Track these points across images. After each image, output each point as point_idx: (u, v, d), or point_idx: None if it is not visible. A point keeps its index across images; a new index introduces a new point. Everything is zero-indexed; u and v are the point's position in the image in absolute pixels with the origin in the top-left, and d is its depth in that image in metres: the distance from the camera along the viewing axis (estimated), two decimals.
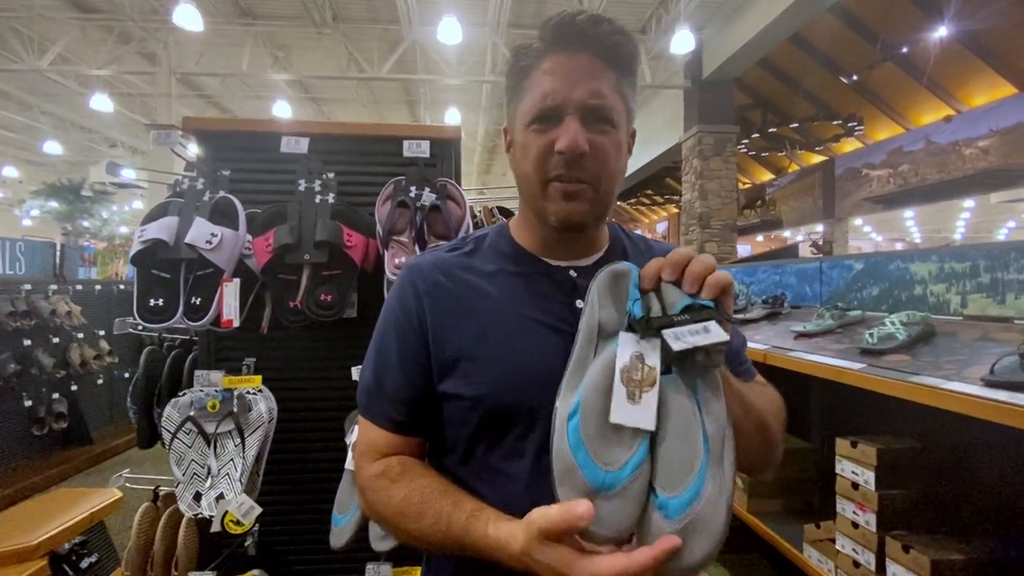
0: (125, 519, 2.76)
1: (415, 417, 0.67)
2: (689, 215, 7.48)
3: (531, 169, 0.64)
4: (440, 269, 0.69)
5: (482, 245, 0.73)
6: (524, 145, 0.64)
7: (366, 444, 0.69)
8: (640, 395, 0.49)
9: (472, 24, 6.59)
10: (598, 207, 0.65)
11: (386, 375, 0.68)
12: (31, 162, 14.17)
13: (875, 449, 1.20)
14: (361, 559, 1.28)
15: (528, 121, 0.63)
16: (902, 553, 1.11)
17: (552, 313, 0.65)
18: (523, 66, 0.65)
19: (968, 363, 1.11)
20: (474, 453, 0.64)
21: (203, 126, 1.34)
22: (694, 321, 0.50)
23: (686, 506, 0.46)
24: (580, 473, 0.48)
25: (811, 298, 2.08)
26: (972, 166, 7.25)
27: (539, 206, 0.65)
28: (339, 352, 1.36)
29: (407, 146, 1.30)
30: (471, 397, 0.63)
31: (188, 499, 1.12)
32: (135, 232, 1.18)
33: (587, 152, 0.61)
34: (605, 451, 0.48)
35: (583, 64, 0.62)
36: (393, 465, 0.65)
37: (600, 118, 0.62)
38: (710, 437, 0.48)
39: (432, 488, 0.61)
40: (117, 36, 7.35)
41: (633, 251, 0.74)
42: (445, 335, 0.65)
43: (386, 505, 0.63)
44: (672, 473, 0.48)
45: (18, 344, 3.46)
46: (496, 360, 0.63)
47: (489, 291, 0.67)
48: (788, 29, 6.07)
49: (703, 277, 0.52)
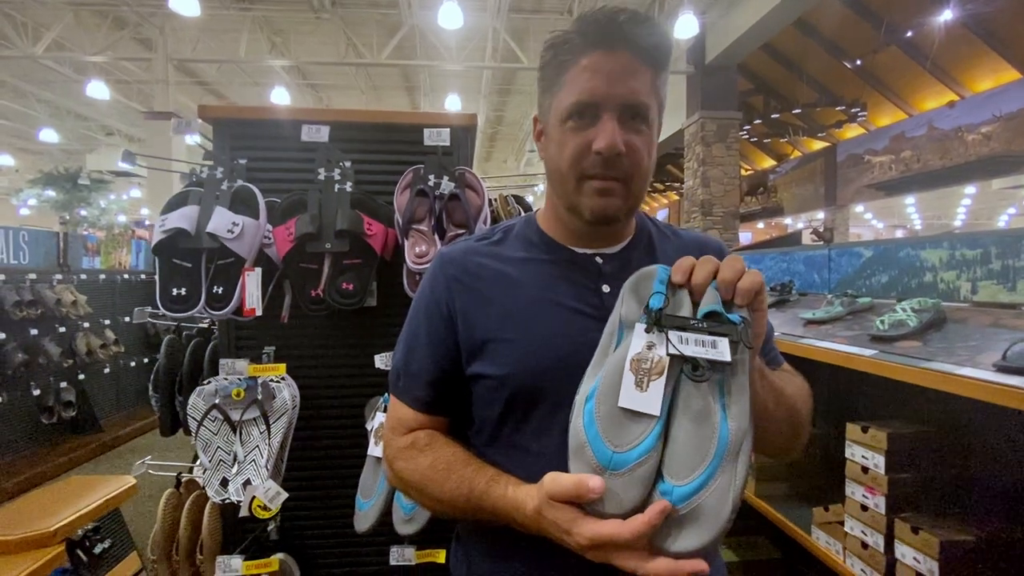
0: (138, 506, 2.80)
1: (441, 397, 0.71)
2: (691, 202, 7.46)
3: (566, 166, 0.65)
4: (470, 257, 0.72)
5: (510, 234, 0.75)
6: (560, 141, 0.66)
7: (395, 420, 0.73)
8: (648, 383, 0.52)
9: (472, 9, 6.50)
10: (631, 202, 0.67)
11: (415, 357, 0.71)
12: (27, 150, 14.03)
13: (886, 434, 1.22)
14: (385, 543, 1.31)
15: (565, 116, 0.65)
16: (911, 535, 1.14)
17: (578, 297, 0.67)
18: (562, 60, 0.65)
19: (980, 349, 1.13)
20: (501, 432, 0.67)
21: (220, 114, 1.34)
22: (710, 332, 0.51)
23: (690, 495, 0.48)
24: (590, 450, 0.51)
25: (819, 285, 2.09)
26: (975, 152, 7.23)
27: (573, 200, 0.67)
28: (360, 340, 1.38)
29: (428, 134, 1.30)
30: (498, 377, 0.65)
31: (215, 485, 1.14)
32: (156, 222, 1.19)
33: (623, 152, 0.62)
34: (615, 433, 0.51)
35: (623, 63, 0.63)
36: (421, 437, 0.69)
37: (636, 116, 0.64)
38: (729, 436, 0.50)
39: (457, 456, 0.65)
40: (112, 22, 7.24)
41: (659, 238, 0.76)
42: (474, 319, 0.68)
43: (413, 471, 0.67)
44: (682, 463, 0.49)
45: (25, 334, 3.47)
46: (523, 341, 0.65)
47: (517, 277, 0.69)
48: (792, 14, 6.00)
49: (734, 283, 0.54)
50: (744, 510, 1.97)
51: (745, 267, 0.55)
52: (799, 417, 0.67)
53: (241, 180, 1.25)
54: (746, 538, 1.95)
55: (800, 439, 0.69)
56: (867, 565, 1.24)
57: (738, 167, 7.54)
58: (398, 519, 1.16)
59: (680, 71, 7.56)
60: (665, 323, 0.53)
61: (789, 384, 0.68)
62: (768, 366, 0.68)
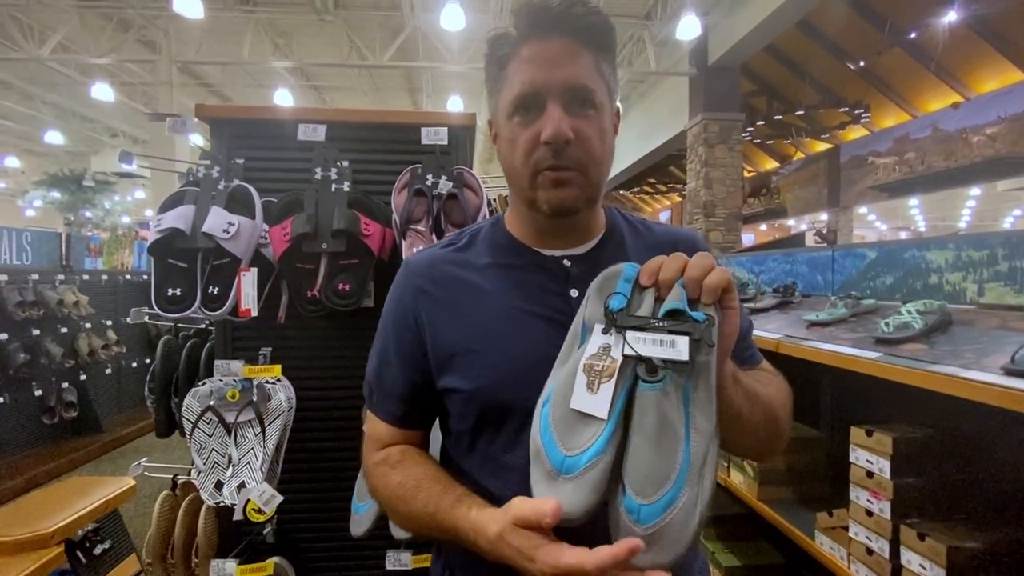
0: (137, 506, 2.79)
1: (414, 412, 0.70)
2: (694, 203, 7.44)
3: (519, 162, 0.63)
4: (434, 266, 0.70)
5: (477, 239, 0.73)
6: (510, 138, 0.64)
7: (371, 435, 0.72)
8: (598, 385, 0.50)
9: (474, 10, 6.51)
10: (589, 191, 0.65)
11: (386, 372, 0.70)
12: (33, 152, 14.11)
13: (891, 438, 1.20)
14: (381, 547, 1.30)
15: (510, 112, 0.63)
16: (917, 541, 1.12)
17: (546, 304, 0.65)
18: (500, 56, 0.64)
19: (987, 352, 1.11)
20: (476, 445, 0.66)
21: (217, 114, 1.33)
22: (669, 331, 0.49)
23: (658, 514, 0.47)
24: (545, 455, 0.51)
25: (823, 287, 2.07)
26: (979, 153, 7.18)
27: (529, 196, 0.65)
28: (356, 341, 1.37)
29: (425, 133, 1.29)
30: (468, 391, 0.64)
31: (209, 488, 1.13)
32: (151, 221, 1.18)
33: (572, 139, 0.60)
34: (568, 436, 0.50)
35: (560, 48, 0.61)
36: (393, 453, 0.68)
37: (582, 101, 0.62)
38: (692, 448, 0.48)
39: (427, 474, 0.64)
40: (117, 24, 7.27)
41: (632, 235, 0.73)
42: (441, 331, 0.66)
43: (384, 489, 0.66)
44: (647, 480, 0.48)
45: (27, 334, 3.48)
46: (491, 354, 0.64)
47: (482, 285, 0.67)
48: (795, 15, 5.98)
49: (700, 280, 0.51)
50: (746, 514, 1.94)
51: (714, 264, 0.52)
52: (777, 420, 0.64)
53: (238, 180, 1.24)
54: (749, 543, 1.92)
55: (778, 442, 0.67)
56: (872, 571, 1.22)
57: (741, 169, 7.51)
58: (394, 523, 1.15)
59: (683, 72, 7.54)
60: (622, 323, 0.51)
61: (767, 385, 0.66)
62: (744, 364, 0.67)
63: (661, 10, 6.95)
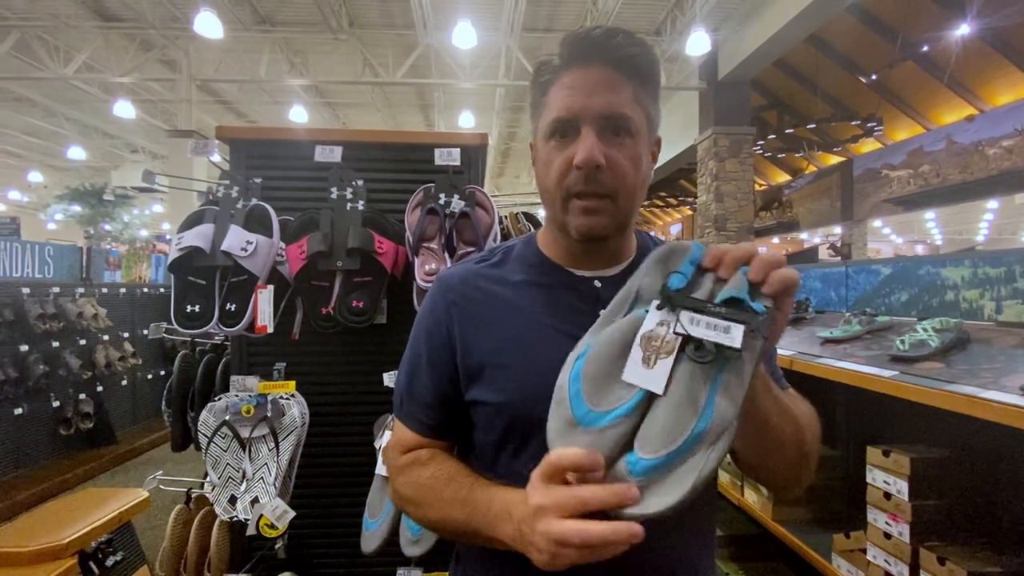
0: (150, 519, 2.81)
1: (443, 422, 0.71)
2: (704, 217, 7.42)
3: (552, 184, 0.65)
4: (468, 280, 0.72)
5: (510, 256, 0.75)
6: (546, 160, 0.66)
7: (397, 442, 0.73)
8: (655, 360, 0.51)
9: (486, 28, 6.61)
10: (619, 219, 0.66)
11: (417, 381, 0.71)
12: (55, 167, 14.50)
13: (909, 458, 1.18)
14: (391, 563, 1.29)
15: (547, 135, 0.65)
16: (937, 565, 1.09)
17: (575, 323, 0.65)
18: (543, 82, 0.66)
19: (1005, 371, 1.09)
20: (499, 458, 0.67)
21: (236, 135, 1.37)
22: (725, 317, 0.49)
23: (650, 469, 0.47)
24: (569, 404, 0.52)
25: (836, 303, 2.05)
26: (996, 166, 7.09)
27: (561, 220, 0.66)
28: (369, 357, 1.38)
29: (438, 154, 1.31)
30: (496, 404, 0.65)
31: (223, 502, 1.14)
32: (172, 239, 1.21)
33: (603, 165, 0.61)
34: (597, 393, 0.51)
35: (599, 77, 0.62)
36: (423, 453, 0.70)
37: (617, 129, 0.63)
38: (711, 422, 0.48)
39: (459, 469, 0.65)
40: (139, 44, 7.50)
41: None
42: (472, 343, 0.67)
43: (413, 484, 0.67)
44: (655, 438, 0.48)
45: (47, 345, 3.55)
46: (520, 368, 0.65)
47: (515, 301, 0.69)
48: (805, 30, 6.00)
49: (769, 269, 0.51)
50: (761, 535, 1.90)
51: (785, 260, 0.53)
52: (805, 442, 0.64)
53: (256, 199, 1.27)
54: (764, 564, 1.89)
55: (807, 468, 0.66)
56: None
57: (752, 182, 7.49)
58: (405, 540, 1.15)
59: (693, 87, 7.57)
60: (680, 303, 0.51)
61: (796, 405, 0.65)
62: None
63: (671, 26, 7.01)
